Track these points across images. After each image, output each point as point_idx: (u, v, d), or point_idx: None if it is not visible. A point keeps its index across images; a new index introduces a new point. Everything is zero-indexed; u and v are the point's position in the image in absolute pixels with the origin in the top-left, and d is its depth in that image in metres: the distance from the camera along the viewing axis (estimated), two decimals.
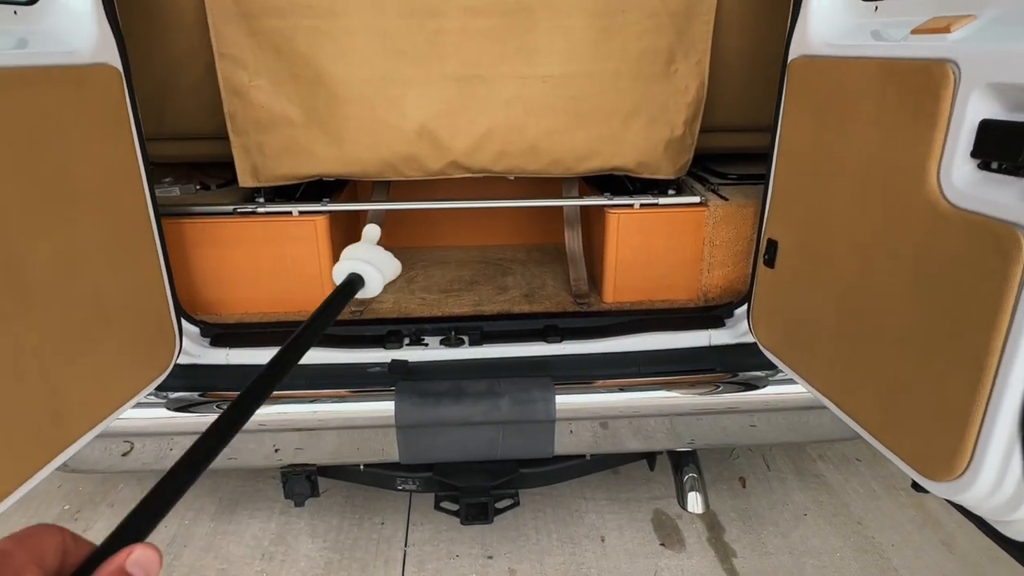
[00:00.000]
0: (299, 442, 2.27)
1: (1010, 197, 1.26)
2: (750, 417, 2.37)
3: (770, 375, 2.36)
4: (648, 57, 2.33)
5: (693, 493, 2.51)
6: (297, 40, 2.24)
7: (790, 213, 1.97)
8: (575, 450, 2.36)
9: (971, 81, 1.33)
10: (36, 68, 1.54)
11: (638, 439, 2.37)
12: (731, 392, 2.35)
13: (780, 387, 2.34)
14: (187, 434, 2.26)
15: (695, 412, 2.35)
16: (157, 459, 2.29)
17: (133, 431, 2.24)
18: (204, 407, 2.25)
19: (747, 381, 2.37)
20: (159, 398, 2.24)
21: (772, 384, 2.35)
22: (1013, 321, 1.25)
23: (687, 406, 2.33)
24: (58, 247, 1.59)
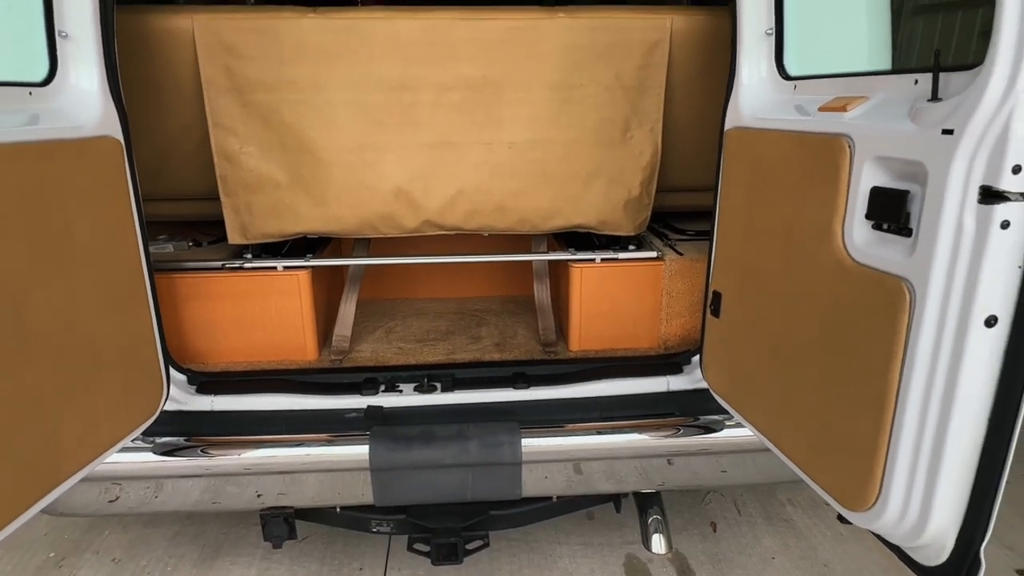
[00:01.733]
0: (280, 485, 2.38)
1: (897, 254, 1.44)
2: (709, 459, 2.50)
3: (726, 419, 2.50)
4: (606, 126, 2.56)
5: (657, 535, 2.61)
6: (284, 111, 2.46)
7: (731, 267, 2.15)
8: (542, 492, 2.47)
9: (863, 153, 1.53)
10: (47, 142, 1.73)
11: (602, 481, 2.49)
12: (690, 435, 2.49)
13: (736, 431, 2.47)
14: (172, 477, 2.38)
15: (656, 455, 2.47)
16: (142, 503, 2.40)
17: (119, 474, 2.36)
18: (188, 451, 2.37)
19: (705, 425, 2.51)
20: (146, 443, 2.36)
21: (728, 428, 2.48)
22: (904, 363, 1.41)
23: (648, 449, 2.46)
24: (58, 298, 1.75)
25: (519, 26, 2.44)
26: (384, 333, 2.96)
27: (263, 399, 2.42)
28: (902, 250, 1.44)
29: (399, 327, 3.01)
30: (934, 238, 1.33)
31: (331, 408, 2.44)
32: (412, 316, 3.14)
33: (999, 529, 2.39)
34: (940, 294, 1.34)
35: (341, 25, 2.41)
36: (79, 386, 1.83)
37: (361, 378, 2.52)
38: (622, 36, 2.48)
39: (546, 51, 2.46)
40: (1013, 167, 1.21)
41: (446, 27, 2.42)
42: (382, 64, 2.43)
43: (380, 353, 2.77)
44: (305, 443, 2.37)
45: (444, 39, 2.43)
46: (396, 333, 2.96)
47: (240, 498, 2.42)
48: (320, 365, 2.67)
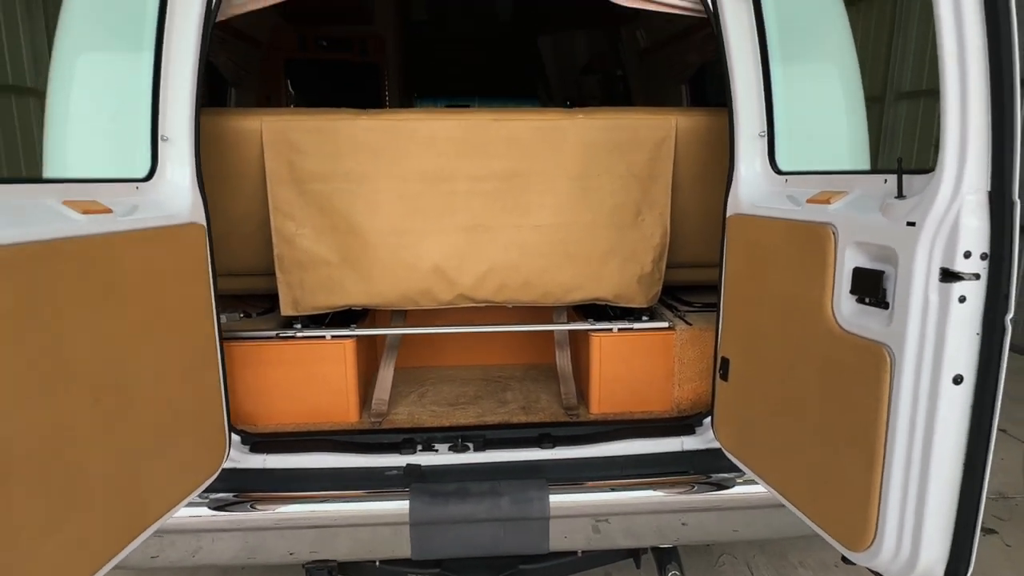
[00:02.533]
0: (323, 539, 2.56)
1: (877, 324, 1.71)
2: (722, 514, 2.69)
3: (738, 476, 2.70)
4: (620, 210, 2.88)
5: None
6: (336, 199, 2.79)
7: (737, 335, 2.42)
8: (568, 547, 2.65)
9: (845, 239, 1.83)
10: (150, 229, 2.04)
11: (623, 536, 2.67)
12: (703, 492, 2.69)
13: (747, 488, 2.67)
14: (224, 531, 2.57)
15: (672, 510, 2.67)
16: (183, 558, 2.57)
17: (174, 528, 2.55)
18: (239, 506, 2.58)
19: (717, 482, 2.71)
20: (200, 498, 2.57)
21: (740, 485, 2.69)
22: (889, 416, 1.66)
23: (665, 504, 2.65)
24: (150, 362, 2.01)
25: (544, 126, 2.81)
26: (418, 397, 3.19)
27: (311, 458, 2.64)
28: (881, 320, 1.71)
29: (431, 392, 3.25)
30: (906, 310, 1.60)
31: (373, 466, 2.65)
32: (442, 382, 3.38)
33: None
34: (914, 357, 1.60)
35: (388, 125, 2.77)
36: (161, 443, 2.07)
37: (400, 438, 2.74)
38: (633, 133, 2.84)
39: (567, 147, 2.81)
40: (964, 252, 1.50)
41: (480, 127, 2.79)
42: (423, 159, 2.78)
43: (416, 415, 2.99)
44: (349, 499, 2.57)
45: (478, 137, 2.79)
46: (429, 397, 3.19)
47: (282, 551, 2.60)
48: (361, 426, 2.89)
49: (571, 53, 6.52)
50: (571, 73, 6.75)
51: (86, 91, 2.27)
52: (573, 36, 6.24)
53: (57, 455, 1.63)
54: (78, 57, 2.36)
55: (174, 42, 2.16)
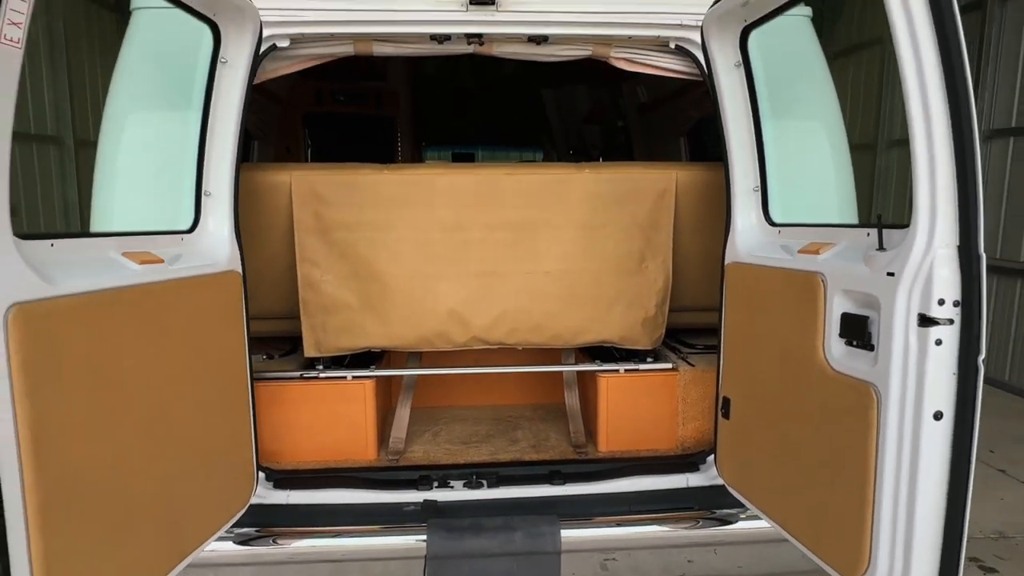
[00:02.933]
0: (343, 572, 2.67)
1: (864, 364, 1.88)
2: (726, 549, 2.79)
3: (741, 512, 2.82)
4: (624, 258, 3.06)
5: None
6: (359, 247, 2.98)
7: (737, 376, 2.57)
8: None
9: (833, 287, 2.00)
10: (194, 277, 2.22)
11: (631, 572, 2.77)
12: (708, 527, 2.80)
13: (749, 523, 2.79)
14: (245, 565, 2.67)
15: (678, 545, 2.78)
16: None
17: (202, 562, 2.65)
18: (262, 541, 2.69)
19: (721, 517, 2.83)
20: (226, 532, 2.68)
21: (743, 520, 2.80)
22: (878, 450, 1.81)
23: (671, 539, 2.77)
24: (192, 398, 2.16)
25: (553, 179, 3.02)
26: (432, 436, 3.32)
27: (332, 494, 2.76)
28: (868, 361, 1.87)
29: (445, 431, 3.38)
30: (890, 352, 1.77)
31: (391, 502, 2.77)
32: (456, 421, 3.51)
33: None
34: (898, 395, 1.75)
35: (409, 179, 2.98)
36: (198, 476, 2.21)
37: (416, 475, 2.87)
38: (636, 186, 3.04)
39: (574, 198, 3.01)
40: (939, 300, 1.67)
41: (494, 180, 2.99)
42: (441, 209, 2.98)
43: (431, 453, 3.12)
44: (368, 534, 2.69)
45: (492, 189, 2.99)
46: (443, 436, 3.32)
47: None
48: (379, 464, 3.02)
49: (573, 105, 6.82)
50: (574, 124, 7.05)
51: (136, 149, 2.48)
52: (575, 89, 6.55)
53: (113, 484, 1.78)
54: (128, 117, 2.58)
55: (220, 105, 2.38)
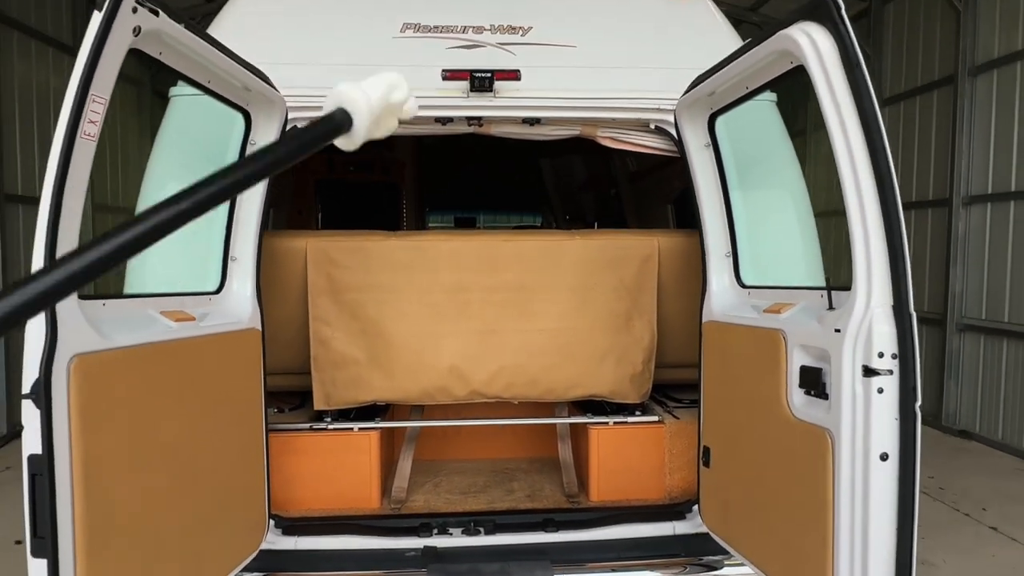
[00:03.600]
0: None
1: (820, 412, 2.10)
2: None
3: (726, 559, 2.97)
4: (613, 317, 3.31)
5: None
6: (367, 307, 3.23)
7: (716, 426, 2.77)
8: None
9: (793, 342, 2.24)
10: (220, 334, 2.46)
11: None
12: (695, 573, 2.95)
13: (735, 569, 2.93)
14: None
15: None
16: None
17: None
18: None
19: (708, 564, 2.98)
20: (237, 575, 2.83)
21: (728, 567, 2.95)
22: (835, 489, 2.01)
23: None
24: (214, 445, 2.37)
25: (547, 245, 3.30)
26: (433, 486, 3.49)
27: (338, 540, 2.92)
28: (823, 408, 2.09)
29: (445, 482, 3.55)
30: (840, 400, 1.99)
31: (394, 548, 2.93)
32: (455, 473, 3.68)
33: None
34: (849, 438, 1.97)
35: (414, 244, 3.26)
36: (216, 520, 2.39)
37: (417, 523, 3.03)
38: (622, 252, 3.32)
39: (567, 263, 3.28)
40: (879, 353, 1.90)
41: (493, 246, 3.28)
42: (444, 273, 3.25)
43: (431, 502, 3.29)
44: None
45: (491, 254, 3.27)
46: (443, 486, 3.49)
47: None
48: (382, 511, 3.18)
49: (570, 174, 7.21)
50: (570, 192, 7.43)
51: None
52: (571, 160, 6.95)
53: (147, 519, 1.97)
54: (164, 189, 2.88)
55: None
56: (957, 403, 7.89)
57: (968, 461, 7.00)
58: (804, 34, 1.91)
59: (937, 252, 8.21)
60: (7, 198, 7.43)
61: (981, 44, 7.66)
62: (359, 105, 0.68)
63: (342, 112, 0.72)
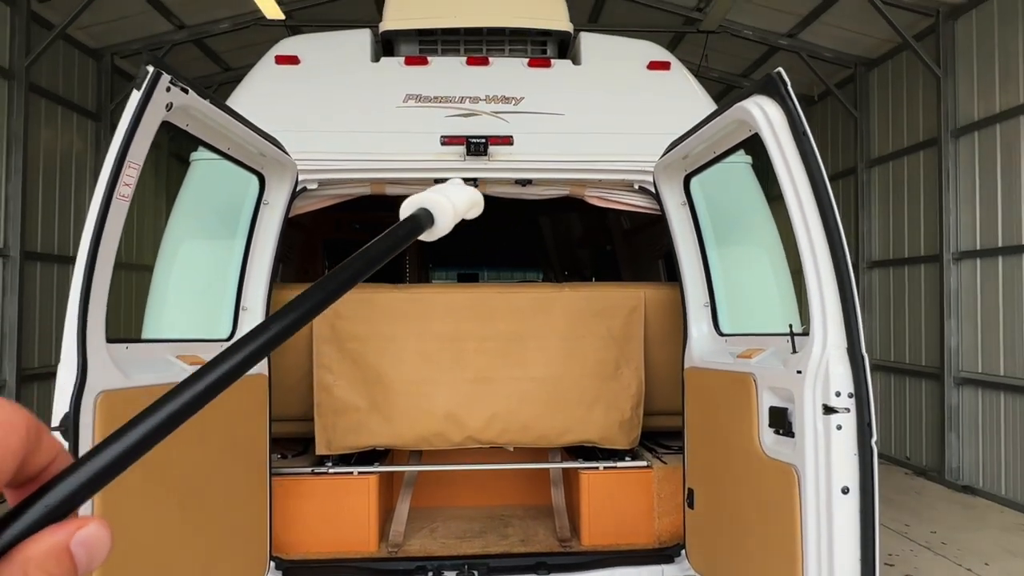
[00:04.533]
0: None
1: (787, 449, 2.24)
2: None
3: None
4: (601, 365, 3.48)
5: None
6: (367, 355, 3.41)
7: (699, 468, 2.90)
8: None
9: (762, 384, 2.40)
10: None
11: None
12: None
13: None
14: None
15: None
16: None
17: None
18: None
19: None
20: None
21: None
22: (802, 523, 2.13)
23: None
24: (220, 485, 2.51)
25: (538, 296, 3.50)
26: (429, 532, 3.58)
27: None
28: (790, 446, 2.23)
29: (441, 527, 3.64)
30: (803, 437, 2.14)
31: None
32: (451, 519, 3.77)
33: None
34: (813, 473, 2.10)
35: (414, 297, 3.47)
36: (220, 560, 2.51)
37: (414, 566, 3.13)
38: (610, 303, 3.51)
39: (557, 313, 3.47)
40: (835, 392, 2.06)
41: (486, 297, 3.48)
42: (440, 323, 3.44)
43: (427, 547, 3.38)
44: None
45: (484, 305, 3.47)
46: (439, 531, 3.58)
47: None
48: (379, 555, 3.28)
49: (567, 231, 7.49)
50: (567, 248, 7.68)
51: (186, 270, 2.99)
52: (568, 218, 7.23)
53: (156, 557, 2.11)
54: (182, 244, 3.12)
55: (260, 238, 2.91)
56: (959, 458, 7.88)
57: (971, 516, 6.99)
58: (757, 106, 2.15)
59: (931, 307, 8.37)
60: (27, 255, 7.75)
61: (961, 108, 8.00)
62: (444, 207, 0.79)
63: (425, 211, 0.80)
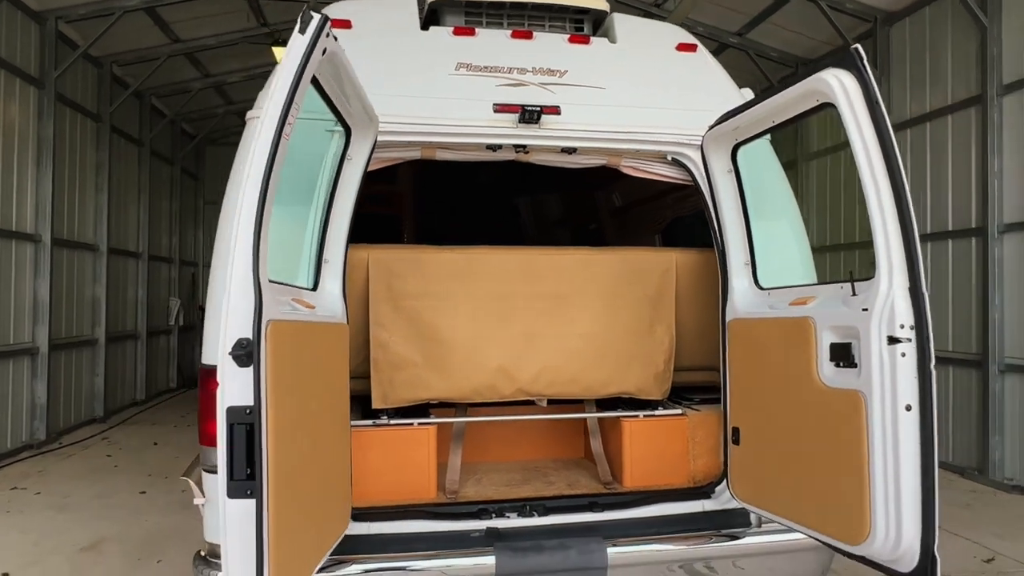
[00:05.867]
0: None
1: (851, 378, 2.58)
2: (735, 560, 3.34)
3: (746, 530, 3.40)
4: (637, 323, 3.76)
5: None
6: (422, 312, 3.55)
7: (744, 408, 3.23)
8: None
9: (821, 325, 2.74)
10: (322, 323, 2.74)
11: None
12: (720, 543, 3.35)
13: (752, 538, 3.37)
14: None
15: (697, 558, 3.31)
16: None
17: None
18: (342, 565, 3.02)
19: (730, 534, 3.39)
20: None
21: (748, 536, 3.38)
22: (869, 440, 2.47)
23: (691, 553, 3.30)
24: (328, 428, 2.62)
25: (581, 259, 3.73)
26: (476, 482, 3.77)
27: (408, 524, 3.16)
28: (853, 375, 2.57)
29: (486, 478, 3.83)
30: (870, 366, 2.48)
31: (459, 530, 3.19)
32: (491, 472, 3.96)
33: None
34: (879, 395, 2.45)
35: (464, 257, 3.63)
36: (327, 496, 2.62)
37: (476, 508, 3.31)
38: (645, 265, 3.80)
39: (599, 275, 3.72)
40: (900, 325, 2.41)
41: (534, 259, 3.69)
42: (490, 282, 3.62)
43: (483, 492, 3.57)
44: (444, 556, 3.09)
45: (532, 266, 3.68)
46: (485, 482, 3.77)
47: None
48: (440, 501, 3.44)
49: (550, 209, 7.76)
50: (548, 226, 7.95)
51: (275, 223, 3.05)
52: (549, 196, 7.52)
53: (299, 476, 2.22)
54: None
55: (342, 191, 3.01)
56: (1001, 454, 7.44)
57: None
58: (835, 78, 2.47)
59: (972, 286, 7.97)
60: None
61: None
62: None
63: None
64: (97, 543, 5.78)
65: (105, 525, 6.19)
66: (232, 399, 1.93)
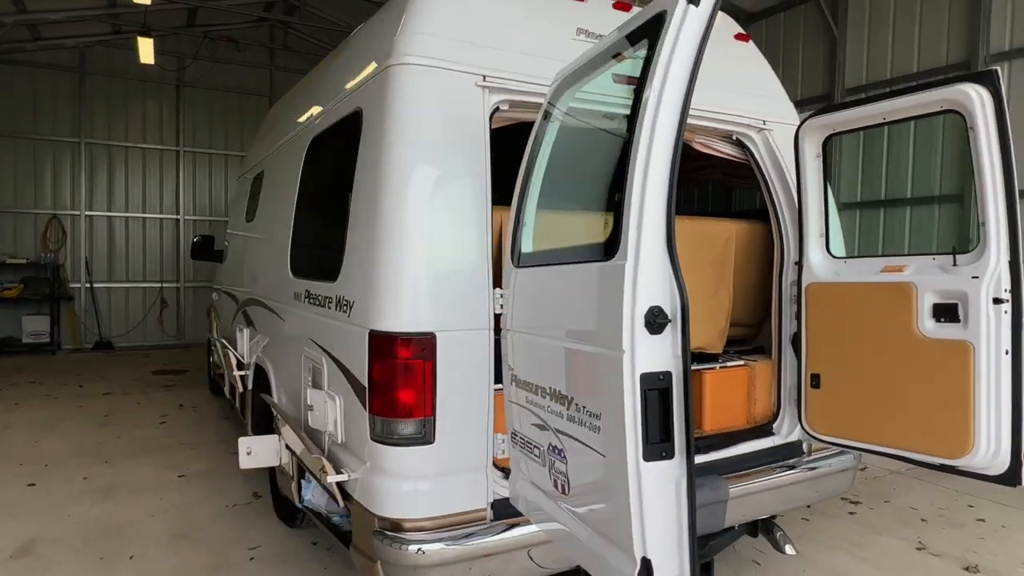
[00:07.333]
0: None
1: (956, 331, 3.28)
2: (802, 484, 4.01)
3: (804, 460, 4.08)
4: (707, 285, 4.20)
5: (787, 544, 3.96)
6: None
7: (822, 358, 3.84)
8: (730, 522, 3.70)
9: (922, 290, 3.40)
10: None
11: (751, 509, 3.82)
12: (784, 472, 4.00)
13: (807, 467, 4.06)
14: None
15: (773, 487, 3.92)
16: None
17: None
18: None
19: (791, 464, 4.05)
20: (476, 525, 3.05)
21: (805, 465, 4.07)
22: (975, 376, 3.19)
23: (768, 483, 3.90)
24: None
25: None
26: None
27: None
28: (958, 329, 3.27)
29: None
30: (979, 322, 3.19)
31: None
32: None
33: None
34: (986, 344, 3.17)
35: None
36: None
37: None
38: (711, 233, 4.24)
39: (683, 240, 4.06)
40: (1004, 288, 3.15)
41: None
42: None
43: None
44: None
45: None
46: None
47: None
48: None
49: None
50: None
51: None
52: None
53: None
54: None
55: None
56: None
57: None
58: (975, 92, 3.08)
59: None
60: None
61: None
62: None
63: None
64: (28, 544, 4.84)
65: (20, 525, 5.18)
66: (645, 366, 1.98)
